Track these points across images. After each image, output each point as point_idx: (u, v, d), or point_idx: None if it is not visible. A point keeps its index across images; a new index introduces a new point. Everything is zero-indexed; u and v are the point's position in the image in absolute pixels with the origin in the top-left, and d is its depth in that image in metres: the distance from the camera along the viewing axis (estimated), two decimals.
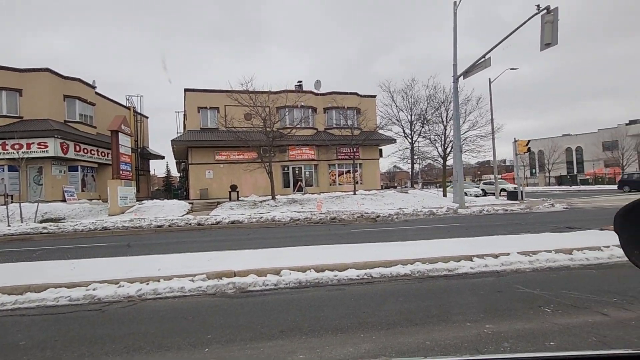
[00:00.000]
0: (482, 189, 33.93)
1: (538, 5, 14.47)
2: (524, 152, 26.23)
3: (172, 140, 27.40)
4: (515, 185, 37.83)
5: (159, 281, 5.76)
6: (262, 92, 23.98)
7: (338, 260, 6.60)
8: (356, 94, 31.71)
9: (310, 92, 30.92)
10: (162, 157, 39.00)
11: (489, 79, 26.71)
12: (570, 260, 6.56)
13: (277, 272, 6.11)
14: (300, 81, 32.26)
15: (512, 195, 25.25)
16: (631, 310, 4.01)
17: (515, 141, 25.53)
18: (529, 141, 25.87)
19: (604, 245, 7.06)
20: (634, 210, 0.84)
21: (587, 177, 52.25)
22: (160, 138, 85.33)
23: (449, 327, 3.81)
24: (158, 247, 10.41)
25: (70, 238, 14.01)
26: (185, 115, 31.01)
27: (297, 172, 30.10)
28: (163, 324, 4.25)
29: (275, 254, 7.53)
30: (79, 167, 25.98)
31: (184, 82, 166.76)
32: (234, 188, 24.79)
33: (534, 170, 62.40)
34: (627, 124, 52.89)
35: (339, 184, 30.80)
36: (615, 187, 34.24)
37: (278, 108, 26.36)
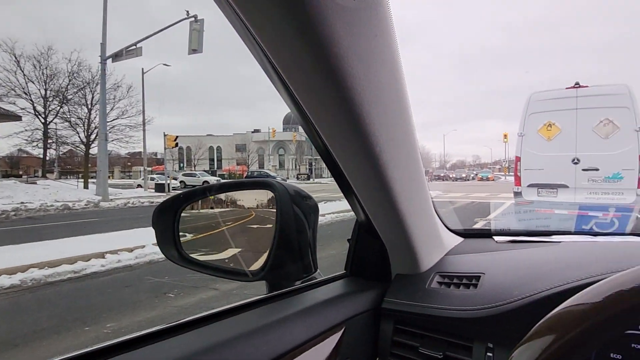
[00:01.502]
0: (182, 181, 33.68)
1: (187, 12, 15.58)
2: (173, 147, 27.87)
3: None
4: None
5: None
6: None
7: None
8: None
9: None
10: None
11: (142, 69, 26.36)
12: None
13: None
14: None
15: (160, 188, 26.05)
16: (235, 282, 4.98)
17: (165, 135, 26.57)
18: (177, 137, 27.62)
19: None
20: (165, 209, 0.90)
21: (224, 172, 61.97)
22: None
23: (62, 338, 3.35)
24: None
25: None
26: None
27: None
28: None
29: None
30: None
31: None
32: None
33: (182, 164, 67.28)
34: (252, 132, 66.62)
35: None
36: None
37: None
